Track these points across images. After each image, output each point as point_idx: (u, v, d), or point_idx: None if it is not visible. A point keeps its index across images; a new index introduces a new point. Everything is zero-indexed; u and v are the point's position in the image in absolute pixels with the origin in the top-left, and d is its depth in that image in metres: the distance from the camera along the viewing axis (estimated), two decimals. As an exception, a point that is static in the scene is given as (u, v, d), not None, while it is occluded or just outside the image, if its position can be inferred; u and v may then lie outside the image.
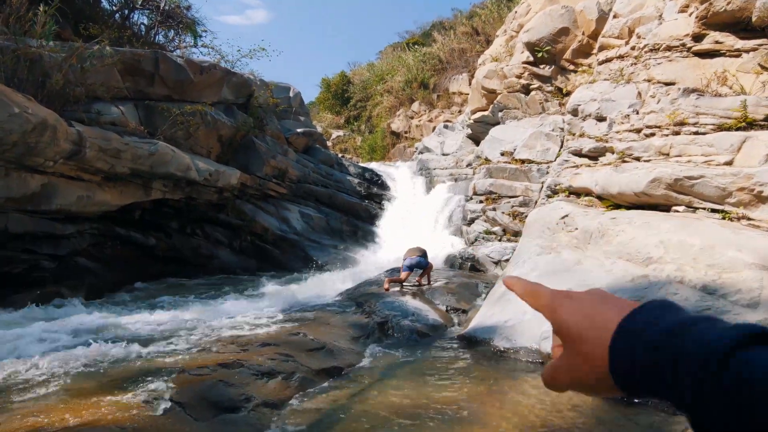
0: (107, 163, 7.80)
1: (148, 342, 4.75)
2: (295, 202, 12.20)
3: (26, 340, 4.87)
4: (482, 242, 9.54)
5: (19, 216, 7.32)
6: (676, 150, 6.06)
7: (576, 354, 0.48)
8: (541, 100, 11.21)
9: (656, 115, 6.57)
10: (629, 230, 5.29)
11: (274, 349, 4.29)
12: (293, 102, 14.71)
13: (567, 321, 0.50)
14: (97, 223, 8.93)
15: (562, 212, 6.45)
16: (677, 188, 5.63)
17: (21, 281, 7.56)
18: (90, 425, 2.76)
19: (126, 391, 3.40)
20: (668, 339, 0.41)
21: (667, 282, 4.46)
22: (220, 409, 3.20)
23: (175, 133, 9.46)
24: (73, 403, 3.23)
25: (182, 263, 10.49)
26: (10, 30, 7.38)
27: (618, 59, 8.57)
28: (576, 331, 0.48)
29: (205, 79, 10.24)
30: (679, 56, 7.12)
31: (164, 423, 2.88)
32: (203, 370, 3.68)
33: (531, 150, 9.82)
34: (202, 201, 10.35)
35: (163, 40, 12.56)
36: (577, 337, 0.48)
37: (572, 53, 10.69)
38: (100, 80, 8.35)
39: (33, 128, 6.40)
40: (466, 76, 18.23)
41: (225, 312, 6.34)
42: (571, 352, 0.49)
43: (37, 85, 7.42)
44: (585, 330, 0.48)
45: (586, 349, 0.47)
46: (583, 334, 0.48)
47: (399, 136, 20.79)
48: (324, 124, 25.31)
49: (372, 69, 25.40)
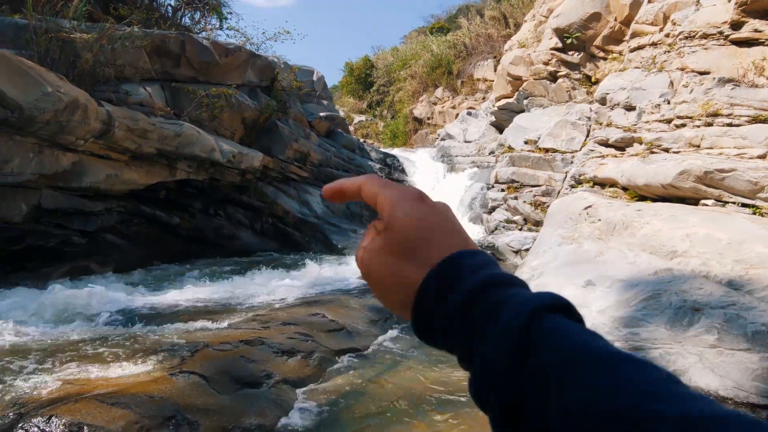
0: (134, 142, 7.97)
1: (173, 317, 4.91)
2: (316, 185, 12.28)
3: (55, 310, 5.07)
4: (502, 231, 9.48)
5: (51, 192, 7.56)
6: (708, 142, 5.89)
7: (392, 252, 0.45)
8: (568, 87, 10.97)
9: (688, 106, 6.38)
10: (655, 222, 5.19)
11: (294, 329, 4.38)
12: (316, 85, 14.72)
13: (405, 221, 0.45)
14: (124, 201, 9.17)
15: (586, 203, 6.36)
16: (707, 181, 5.49)
17: (53, 255, 7.84)
18: (119, 393, 2.88)
19: (151, 362, 3.54)
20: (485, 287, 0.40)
21: (692, 276, 4.38)
22: (242, 384, 3.30)
23: (200, 115, 9.58)
24: (101, 371, 3.38)
25: (204, 243, 10.71)
26: (43, 10, 7.54)
27: (651, 46, 8.32)
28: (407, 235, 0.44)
29: (230, 62, 10.32)
30: (715, 44, 6.87)
31: (189, 394, 2.99)
32: (226, 346, 3.79)
33: (556, 139, 9.66)
34: (225, 182, 10.51)
35: (189, 22, 12.66)
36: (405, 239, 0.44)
37: (603, 40, 10.40)
38: (129, 61, 8.50)
39: (65, 107, 6.57)
40: (491, 62, 17.92)
41: (245, 291, 6.48)
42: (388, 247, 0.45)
43: (69, 65, 7.59)
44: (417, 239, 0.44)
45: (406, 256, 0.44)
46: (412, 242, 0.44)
47: (421, 122, 20.65)
48: (346, 108, 25.27)
49: (396, 53, 25.16)
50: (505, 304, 0.38)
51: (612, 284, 4.65)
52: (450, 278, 0.41)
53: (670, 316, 4.03)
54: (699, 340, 3.79)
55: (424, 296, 0.42)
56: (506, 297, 0.39)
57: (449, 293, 0.41)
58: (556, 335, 0.36)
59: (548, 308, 0.37)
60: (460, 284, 0.41)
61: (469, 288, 0.40)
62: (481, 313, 0.39)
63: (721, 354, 3.65)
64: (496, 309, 0.38)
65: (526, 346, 0.35)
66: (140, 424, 2.63)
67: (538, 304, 0.37)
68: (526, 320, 0.36)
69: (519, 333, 0.36)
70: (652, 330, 4.00)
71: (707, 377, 3.54)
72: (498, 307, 0.38)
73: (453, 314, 0.40)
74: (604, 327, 4.20)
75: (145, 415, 2.70)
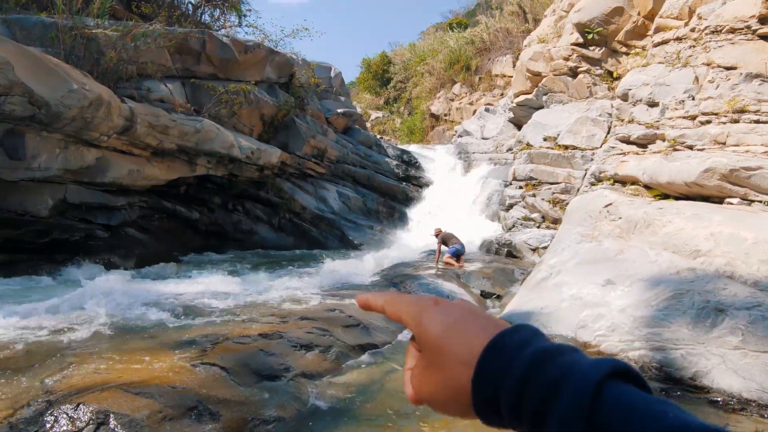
0: (156, 138, 8.12)
1: (194, 310, 5.00)
2: (333, 181, 12.34)
3: (76, 303, 5.20)
4: (520, 228, 9.40)
5: (76, 187, 7.75)
6: (734, 139, 5.75)
7: (434, 365, 0.45)
8: (588, 83, 10.80)
9: (714, 102, 6.24)
10: (677, 221, 5.10)
11: (312, 323, 4.43)
12: (334, 82, 14.76)
13: (430, 329, 0.45)
14: (146, 197, 9.35)
15: (606, 200, 6.27)
16: (732, 179, 5.36)
17: (78, 249, 8.04)
18: (143, 383, 2.96)
19: (174, 354, 3.61)
20: (537, 365, 0.39)
21: (716, 276, 4.29)
22: (261, 377, 3.35)
23: (219, 111, 9.71)
24: (125, 362, 3.46)
25: (223, 238, 10.87)
26: (68, 9, 7.71)
27: (675, 41, 8.13)
28: (439, 342, 0.44)
29: (249, 58, 10.41)
30: (742, 39, 6.68)
31: (211, 385, 3.05)
32: (245, 339, 3.85)
33: (576, 135, 9.53)
34: (244, 178, 10.63)
35: (208, 20, 12.81)
36: (438, 347, 0.44)
37: (625, 35, 10.20)
38: (151, 58, 8.64)
39: (90, 104, 6.72)
40: (510, 57, 17.74)
41: (263, 285, 6.56)
42: (429, 363, 0.45)
43: (93, 62, 7.76)
44: (448, 342, 0.44)
45: (447, 363, 0.44)
46: (446, 346, 0.44)
47: (438, 118, 20.56)
48: (363, 104, 25.29)
49: (413, 49, 25.07)
50: (563, 383, 0.37)
51: (633, 283, 4.58)
52: (496, 369, 0.40)
53: (693, 316, 3.96)
54: (722, 342, 3.71)
55: (477, 396, 0.41)
56: (562, 371, 0.38)
57: (502, 382, 0.40)
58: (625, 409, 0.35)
59: (611, 375, 0.37)
60: (509, 371, 0.40)
61: (518, 373, 0.39)
62: (540, 396, 0.38)
63: (746, 356, 3.57)
64: (555, 389, 0.37)
65: (597, 423, 0.35)
66: (164, 414, 2.69)
67: (599, 378, 0.36)
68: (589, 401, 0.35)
69: (582, 415, 0.35)
70: (674, 330, 3.93)
71: (730, 379, 3.47)
72: (556, 388, 0.37)
73: (512, 403, 0.39)
74: (624, 326, 4.14)
75: (168, 404, 2.76)
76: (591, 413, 0.35)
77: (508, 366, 0.40)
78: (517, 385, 0.39)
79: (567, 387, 0.37)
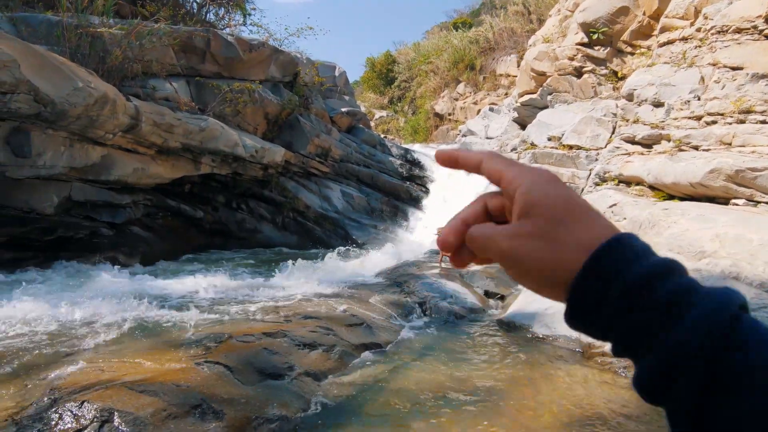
0: (161, 137, 8.14)
1: (197, 308, 5.01)
2: (336, 181, 12.34)
3: (81, 301, 5.23)
4: (524, 228, 9.37)
5: (81, 185, 7.78)
6: (740, 139, 5.72)
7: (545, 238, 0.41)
8: (593, 83, 10.77)
9: (720, 102, 6.21)
10: (682, 222, 5.08)
11: (315, 322, 4.43)
12: (338, 81, 14.76)
13: (551, 198, 0.42)
14: (150, 195, 9.38)
15: (611, 201, 6.25)
16: (738, 180, 5.34)
17: (83, 246, 8.08)
18: (147, 381, 2.97)
19: (178, 352, 3.62)
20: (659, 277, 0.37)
21: (721, 277, 4.27)
22: (265, 375, 3.36)
23: (223, 110, 9.72)
24: (130, 360, 3.47)
25: (227, 237, 10.89)
26: (74, 7, 7.74)
27: (681, 41, 8.10)
28: (560, 216, 0.41)
29: (254, 57, 10.42)
30: (749, 39, 6.65)
31: (215, 384, 3.06)
32: (249, 338, 3.86)
33: (580, 135, 9.50)
34: (248, 177, 10.64)
35: (213, 18, 12.83)
36: (559, 221, 0.41)
37: (631, 34, 10.16)
38: (156, 57, 8.66)
39: (95, 102, 6.74)
40: (514, 57, 17.69)
41: (267, 284, 6.57)
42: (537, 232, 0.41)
43: (98, 61, 7.79)
44: (572, 219, 0.41)
45: (566, 237, 0.40)
46: (570, 223, 0.41)
47: (442, 118, 20.53)
48: (367, 104, 25.29)
49: (417, 49, 25.05)
50: (695, 293, 0.36)
51: (637, 284, 4.57)
52: (616, 263, 0.39)
53: (698, 317, 3.94)
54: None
55: (586, 281, 0.39)
56: (691, 286, 0.37)
57: (616, 279, 0.38)
58: (761, 334, 0.34)
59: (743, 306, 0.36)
60: (631, 268, 0.38)
61: (642, 273, 0.37)
62: (668, 300, 0.36)
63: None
64: (686, 297, 0.36)
65: (733, 340, 0.33)
66: (168, 412, 2.70)
67: (743, 301, 0.35)
68: (734, 313, 0.34)
69: (726, 325, 0.34)
70: (678, 331, 3.92)
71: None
72: (688, 296, 0.36)
73: (624, 300, 0.37)
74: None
75: (172, 402, 2.77)
76: (729, 327, 0.34)
77: (628, 264, 0.38)
78: (637, 285, 0.37)
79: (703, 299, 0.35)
